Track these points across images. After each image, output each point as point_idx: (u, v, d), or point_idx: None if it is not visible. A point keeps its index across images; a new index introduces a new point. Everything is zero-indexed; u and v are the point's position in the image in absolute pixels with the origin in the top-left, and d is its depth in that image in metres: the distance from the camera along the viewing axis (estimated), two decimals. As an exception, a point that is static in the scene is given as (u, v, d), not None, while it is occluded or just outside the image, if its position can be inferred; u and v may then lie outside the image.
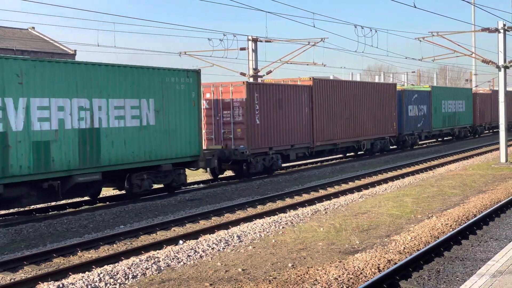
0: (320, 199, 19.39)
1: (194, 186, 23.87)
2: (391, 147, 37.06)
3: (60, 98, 16.49)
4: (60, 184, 16.60)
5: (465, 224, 13.76)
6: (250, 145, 24.34)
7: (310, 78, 28.95)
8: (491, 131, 54.44)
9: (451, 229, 13.72)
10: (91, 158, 17.35)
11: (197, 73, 21.04)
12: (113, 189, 20.96)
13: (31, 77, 15.76)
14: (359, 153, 34.15)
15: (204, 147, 22.93)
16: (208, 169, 24.13)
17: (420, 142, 42.76)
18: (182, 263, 11.39)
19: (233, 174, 25.61)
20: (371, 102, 33.79)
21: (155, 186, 20.64)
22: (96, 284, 10.11)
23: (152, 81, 19.41)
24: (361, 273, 10.27)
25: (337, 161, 32.15)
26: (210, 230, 14.81)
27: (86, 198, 19.67)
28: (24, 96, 15.57)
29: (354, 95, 32.15)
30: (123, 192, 19.88)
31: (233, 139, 24.31)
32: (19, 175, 15.50)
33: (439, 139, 47.04)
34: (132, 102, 18.67)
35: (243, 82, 24.45)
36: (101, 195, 20.11)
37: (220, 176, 25.62)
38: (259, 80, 33.23)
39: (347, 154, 34.51)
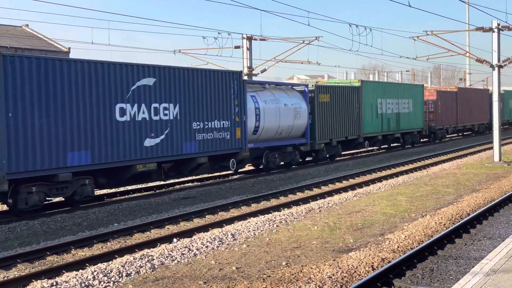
0: (314, 198, 19.40)
1: (189, 184, 23.87)
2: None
3: (391, 99, 36.23)
4: (390, 137, 36.72)
5: (459, 223, 13.80)
6: (437, 124, 44.01)
7: (456, 87, 50.25)
8: None
9: (444, 228, 13.76)
10: (397, 126, 37.15)
11: (423, 86, 43.01)
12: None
13: (385, 91, 35.65)
14: (465, 133, 53.80)
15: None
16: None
17: None
18: (176, 261, 11.39)
19: (426, 140, 45.68)
20: (478, 100, 51.99)
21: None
22: (90, 282, 10.09)
23: (412, 90, 39.91)
24: (355, 272, 10.28)
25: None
26: (204, 228, 14.80)
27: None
28: (383, 98, 35.11)
29: (470, 96, 50.50)
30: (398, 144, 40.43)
31: (427, 121, 43.12)
32: (374, 132, 34.61)
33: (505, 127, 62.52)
34: (407, 101, 38.46)
35: (434, 90, 44.89)
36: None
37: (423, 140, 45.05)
38: (253, 78, 33.35)
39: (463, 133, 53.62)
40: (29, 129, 15.78)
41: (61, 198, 18.26)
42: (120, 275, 10.46)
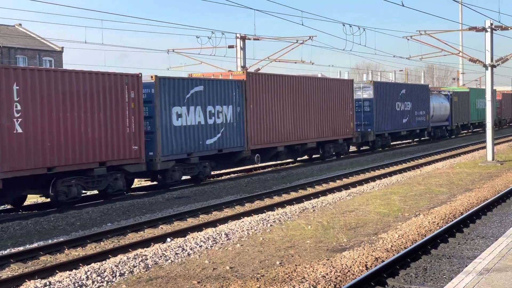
0: (308, 197, 19.40)
1: (182, 184, 23.83)
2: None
3: (481, 99, 50.51)
4: (481, 123, 52.97)
5: (452, 222, 13.83)
6: (501, 116, 60.43)
7: (500, 93, 65.04)
8: None
9: (438, 227, 13.78)
10: (483, 117, 42.34)
11: (495, 90, 53.27)
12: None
13: (478, 94, 53.10)
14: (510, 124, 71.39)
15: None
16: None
17: None
18: (169, 261, 11.37)
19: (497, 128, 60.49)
20: None
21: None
22: (83, 282, 10.07)
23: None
24: (348, 271, 10.29)
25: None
26: (198, 228, 14.79)
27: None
28: (477, 98, 53.77)
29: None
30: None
31: (496, 114, 55.65)
32: (474, 120, 55.02)
33: None
34: (482, 100, 48.24)
35: (500, 93, 59.49)
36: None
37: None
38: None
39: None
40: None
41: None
42: (113, 275, 10.44)
